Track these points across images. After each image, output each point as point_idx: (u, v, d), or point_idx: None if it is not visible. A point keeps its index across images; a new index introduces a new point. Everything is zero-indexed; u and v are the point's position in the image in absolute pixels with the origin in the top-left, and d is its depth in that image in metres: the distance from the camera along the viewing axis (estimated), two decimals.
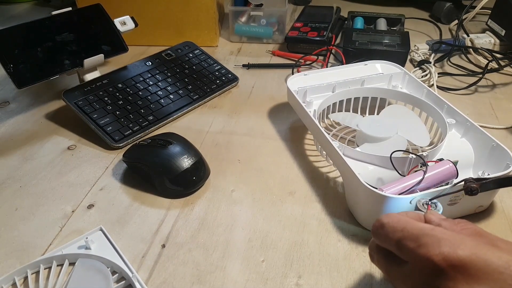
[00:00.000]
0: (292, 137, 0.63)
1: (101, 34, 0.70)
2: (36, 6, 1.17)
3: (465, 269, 0.26)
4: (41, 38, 0.64)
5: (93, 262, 0.43)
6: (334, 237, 0.47)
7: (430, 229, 0.29)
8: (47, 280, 0.42)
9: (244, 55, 0.87)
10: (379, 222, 0.32)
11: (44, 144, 0.62)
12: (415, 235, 0.29)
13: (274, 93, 0.74)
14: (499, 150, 0.48)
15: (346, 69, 0.67)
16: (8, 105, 0.72)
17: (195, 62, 0.77)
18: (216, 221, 0.49)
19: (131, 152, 0.55)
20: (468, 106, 0.70)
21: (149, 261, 0.44)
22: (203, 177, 0.53)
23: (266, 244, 0.46)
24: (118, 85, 0.68)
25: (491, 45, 0.86)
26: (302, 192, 0.53)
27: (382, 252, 0.32)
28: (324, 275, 0.43)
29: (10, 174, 0.56)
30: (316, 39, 0.84)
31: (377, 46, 0.79)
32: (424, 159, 0.46)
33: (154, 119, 0.64)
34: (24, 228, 0.48)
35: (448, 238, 0.28)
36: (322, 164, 0.57)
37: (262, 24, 0.91)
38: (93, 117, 0.62)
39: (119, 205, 0.51)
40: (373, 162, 0.49)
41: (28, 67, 0.62)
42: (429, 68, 0.76)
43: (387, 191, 0.43)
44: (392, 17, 0.94)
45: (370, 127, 0.55)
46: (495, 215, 0.49)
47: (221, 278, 0.42)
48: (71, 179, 0.55)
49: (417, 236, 0.29)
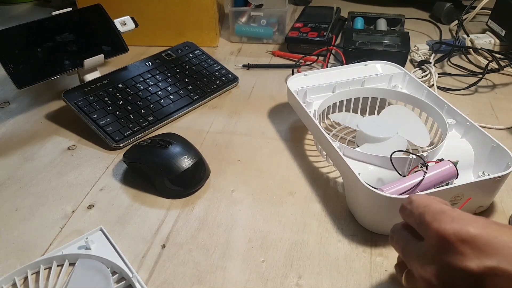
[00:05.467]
0: (292, 137, 0.63)
1: (101, 34, 0.70)
2: (36, 7, 1.17)
3: (475, 244, 0.27)
4: (41, 39, 0.64)
5: (93, 263, 0.43)
6: (334, 237, 0.47)
7: (448, 209, 0.30)
8: (47, 280, 0.42)
9: (244, 56, 0.87)
10: (409, 199, 0.34)
11: (44, 144, 0.62)
12: (435, 212, 0.30)
13: (274, 93, 0.74)
14: (499, 150, 0.48)
15: (346, 69, 0.67)
16: (8, 105, 0.72)
17: (195, 62, 0.77)
18: (216, 221, 0.49)
19: (131, 152, 0.55)
20: (468, 106, 0.70)
21: (149, 261, 0.44)
22: (203, 177, 0.54)
23: (266, 244, 0.46)
24: (118, 86, 0.68)
25: (491, 46, 0.86)
26: (302, 192, 0.53)
27: (404, 232, 0.34)
28: (324, 275, 0.43)
29: (10, 174, 0.56)
30: (316, 40, 0.84)
31: (377, 47, 0.79)
32: (424, 159, 0.46)
33: (154, 119, 0.64)
34: (24, 228, 0.48)
35: (462, 218, 0.29)
36: (322, 164, 0.57)
37: (262, 24, 0.91)
38: (93, 117, 0.62)
39: (119, 205, 0.51)
40: (373, 162, 0.49)
41: (28, 67, 0.62)
42: (429, 69, 0.76)
43: (387, 191, 0.43)
44: (392, 18, 0.94)
45: (370, 127, 0.55)
46: (495, 216, 0.49)
47: (221, 278, 0.42)
48: (71, 179, 0.55)
49: (436, 213, 0.30)
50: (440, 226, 0.29)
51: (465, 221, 0.29)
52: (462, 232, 0.28)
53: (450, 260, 0.28)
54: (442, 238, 0.28)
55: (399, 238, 0.34)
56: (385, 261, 0.44)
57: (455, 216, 0.29)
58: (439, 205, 0.31)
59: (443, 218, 0.29)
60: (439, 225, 0.29)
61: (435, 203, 0.32)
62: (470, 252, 0.27)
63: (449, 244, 0.28)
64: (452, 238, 0.28)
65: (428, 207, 0.31)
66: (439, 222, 0.29)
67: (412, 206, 0.33)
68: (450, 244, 0.28)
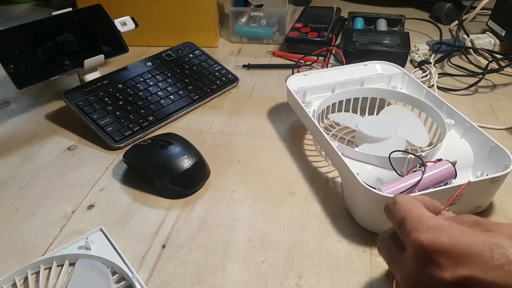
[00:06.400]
0: (293, 137, 0.63)
1: (102, 34, 0.70)
2: (36, 7, 1.17)
3: (449, 254, 0.27)
4: (42, 39, 0.64)
5: (93, 263, 0.43)
6: (334, 237, 0.47)
7: (427, 217, 0.30)
8: (47, 281, 0.42)
9: (244, 56, 0.87)
10: (394, 199, 0.33)
11: (44, 144, 0.62)
12: (414, 218, 0.30)
13: (274, 93, 0.74)
14: (498, 150, 0.48)
15: (346, 69, 0.67)
16: (8, 105, 0.72)
17: (196, 62, 0.77)
18: (216, 221, 0.49)
19: (131, 153, 0.55)
20: (468, 106, 0.70)
21: (149, 262, 0.44)
22: (203, 178, 0.54)
23: (266, 245, 0.46)
24: (118, 86, 0.68)
25: (491, 46, 0.86)
26: (302, 193, 0.53)
27: (389, 242, 0.33)
28: (324, 275, 0.43)
29: (11, 174, 0.56)
30: (316, 40, 0.84)
31: (377, 47, 0.79)
32: (423, 159, 0.46)
33: (154, 119, 0.64)
34: (24, 228, 0.48)
35: (438, 227, 0.28)
36: (322, 164, 0.57)
37: (262, 24, 0.91)
38: (94, 117, 0.62)
39: (119, 206, 0.51)
40: (372, 162, 0.50)
41: (28, 68, 0.62)
42: (429, 69, 0.76)
43: (386, 191, 0.43)
44: (392, 18, 0.94)
45: (369, 127, 0.55)
46: (496, 216, 0.49)
47: (221, 278, 0.43)
48: (71, 180, 0.55)
49: (414, 220, 0.30)
50: (417, 236, 0.28)
51: (440, 230, 0.28)
52: (436, 243, 0.27)
53: (427, 271, 0.28)
54: (418, 249, 0.28)
55: (385, 248, 0.34)
56: (385, 262, 0.44)
57: (431, 225, 0.29)
58: (419, 210, 0.31)
59: (420, 227, 0.29)
60: (415, 235, 0.29)
61: (417, 208, 0.31)
62: (444, 262, 0.27)
63: (425, 254, 0.28)
64: (427, 249, 0.27)
65: (409, 212, 0.30)
66: (416, 231, 0.29)
67: (395, 208, 0.32)
68: (425, 255, 0.28)
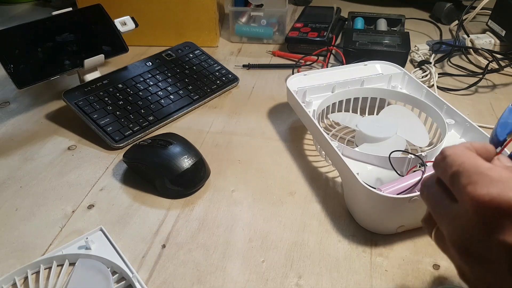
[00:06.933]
0: (293, 137, 0.63)
1: (102, 34, 0.70)
2: (36, 7, 1.17)
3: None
4: (42, 39, 0.64)
5: (93, 262, 0.43)
6: (334, 237, 0.47)
7: (486, 168, 0.25)
8: (47, 280, 0.42)
9: (244, 56, 0.87)
10: (443, 154, 0.29)
11: (44, 144, 0.62)
12: (470, 171, 0.26)
13: (274, 93, 0.74)
14: None
15: (346, 69, 0.67)
16: (8, 105, 0.72)
17: (196, 62, 0.77)
18: (216, 221, 0.49)
19: (132, 153, 0.55)
20: (468, 106, 0.70)
21: (149, 261, 0.44)
22: (203, 178, 0.54)
23: (266, 245, 0.46)
24: (118, 86, 0.68)
25: (492, 46, 0.86)
26: (302, 193, 0.53)
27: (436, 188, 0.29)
28: (324, 275, 0.43)
29: (11, 174, 0.56)
30: (317, 40, 0.84)
31: (378, 47, 0.79)
32: (423, 159, 0.46)
33: (154, 119, 0.64)
34: (24, 228, 0.48)
35: (503, 180, 0.24)
36: (322, 164, 0.57)
37: (263, 24, 0.91)
38: (94, 117, 0.62)
39: (119, 205, 0.51)
40: (372, 162, 0.50)
41: (28, 67, 0.62)
42: (429, 69, 0.76)
43: (385, 191, 0.43)
44: (392, 18, 0.94)
45: (369, 127, 0.55)
46: None
47: (221, 278, 0.42)
48: (71, 179, 0.55)
49: (471, 172, 0.26)
50: (476, 191, 0.24)
51: (506, 184, 0.24)
52: (502, 200, 0.23)
53: (486, 231, 0.24)
54: (477, 206, 0.24)
55: (430, 194, 0.29)
56: (385, 261, 0.44)
57: (494, 178, 0.24)
58: (475, 162, 0.26)
59: (479, 180, 0.25)
60: (474, 190, 0.24)
61: (471, 159, 0.26)
62: (509, 224, 0.23)
63: (485, 213, 0.24)
64: (489, 206, 0.23)
65: (462, 165, 0.26)
66: (474, 185, 0.24)
67: (445, 163, 0.28)
68: (486, 213, 0.24)
